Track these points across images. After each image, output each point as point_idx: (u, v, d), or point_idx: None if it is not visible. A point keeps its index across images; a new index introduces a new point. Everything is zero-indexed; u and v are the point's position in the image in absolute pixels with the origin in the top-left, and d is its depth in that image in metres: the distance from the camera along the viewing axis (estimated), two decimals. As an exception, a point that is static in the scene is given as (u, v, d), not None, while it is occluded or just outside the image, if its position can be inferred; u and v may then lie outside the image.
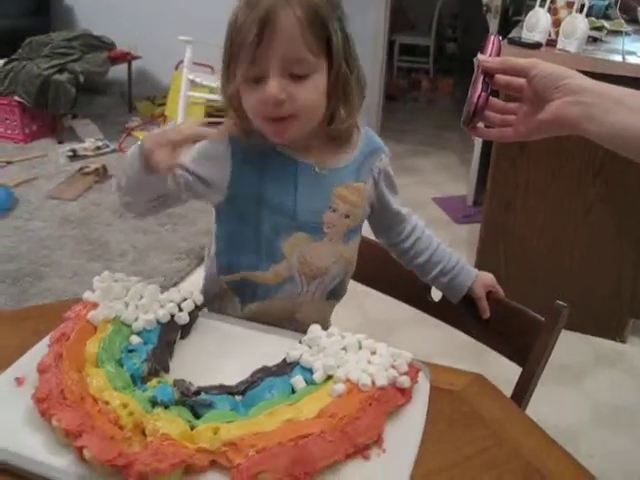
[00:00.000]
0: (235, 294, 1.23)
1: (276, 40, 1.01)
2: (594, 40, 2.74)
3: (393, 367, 0.96)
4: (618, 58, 2.50)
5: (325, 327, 1.06)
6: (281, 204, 1.15)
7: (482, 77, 1.00)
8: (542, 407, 1.20)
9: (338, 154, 1.19)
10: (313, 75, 1.06)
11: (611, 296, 2.69)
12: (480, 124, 1.05)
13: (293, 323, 1.21)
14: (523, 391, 1.22)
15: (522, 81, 0.99)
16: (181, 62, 4.36)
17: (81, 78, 4.42)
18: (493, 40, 1.04)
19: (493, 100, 1.02)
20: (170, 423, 0.83)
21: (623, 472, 2.08)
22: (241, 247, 1.20)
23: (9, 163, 4.06)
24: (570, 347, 2.65)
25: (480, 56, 1.01)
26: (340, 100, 1.11)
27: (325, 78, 1.08)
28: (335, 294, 1.30)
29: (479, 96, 0.99)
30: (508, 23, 3.69)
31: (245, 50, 1.03)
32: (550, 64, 0.97)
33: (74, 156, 4.17)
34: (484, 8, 3.79)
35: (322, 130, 1.14)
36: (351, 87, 1.11)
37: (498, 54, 1.02)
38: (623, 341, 2.76)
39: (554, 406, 2.32)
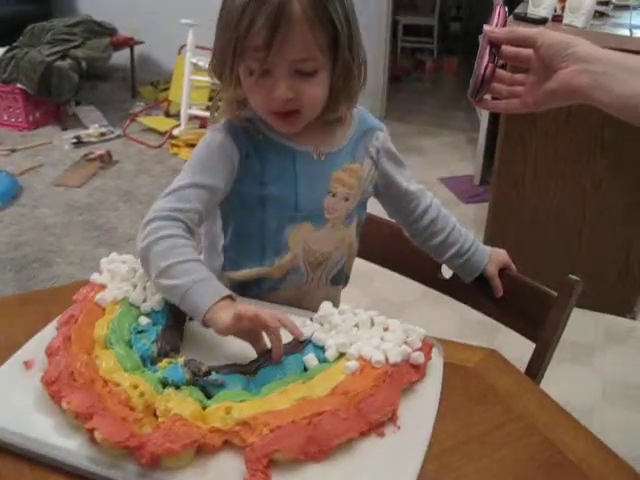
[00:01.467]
0: (238, 291, 1.20)
1: (287, 44, 0.98)
2: (600, 15, 2.71)
3: (406, 343, 0.94)
4: (625, 32, 2.47)
5: None
6: (283, 197, 1.13)
7: (489, 48, 0.98)
8: (552, 384, 1.19)
9: (333, 137, 1.17)
10: (320, 71, 1.04)
11: (621, 272, 2.67)
12: (487, 96, 1.03)
13: None
14: (537, 367, 1.21)
15: (529, 52, 0.98)
16: (184, 46, 4.33)
17: (83, 64, 4.40)
18: (499, 11, 1.02)
19: (500, 72, 1.01)
20: (181, 403, 0.82)
21: (634, 448, 2.07)
22: (247, 242, 1.18)
23: (13, 151, 4.04)
24: (580, 324, 2.63)
25: (486, 27, 0.99)
26: (341, 90, 1.09)
27: (329, 71, 1.06)
28: (339, 278, 1.29)
29: (486, 67, 0.98)
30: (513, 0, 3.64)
31: (253, 51, 1.00)
32: (557, 33, 0.95)
33: (78, 143, 4.15)
34: (488, -15, 3.74)
35: (319, 116, 1.12)
36: (353, 76, 1.09)
37: (504, 25, 1.00)
38: (633, 317, 2.74)
39: (565, 384, 2.30)
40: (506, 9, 1.03)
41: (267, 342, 0.94)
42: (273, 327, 0.91)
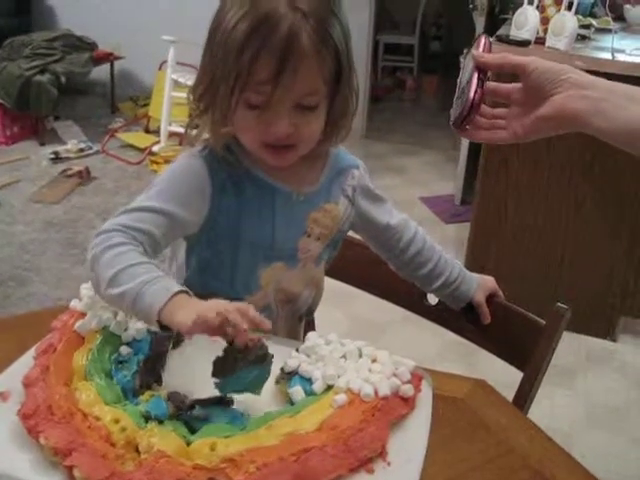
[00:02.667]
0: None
1: (296, 78, 0.93)
2: (582, 38, 2.73)
3: (395, 375, 0.92)
4: (607, 56, 2.48)
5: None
6: (259, 237, 1.10)
7: (477, 74, 0.95)
8: (534, 407, 1.18)
9: (312, 174, 1.13)
10: (320, 105, 0.99)
11: (602, 294, 2.67)
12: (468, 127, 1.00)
13: None
14: (524, 396, 1.19)
15: (509, 86, 0.97)
16: (165, 62, 4.31)
17: (63, 79, 4.36)
18: (484, 41, 0.99)
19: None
20: (165, 439, 0.79)
21: (616, 472, 2.06)
22: (214, 277, 1.14)
23: (-10, 166, 4.00)
24: (561, 346, 2.59)
25: (475, 52, 0.96)
26: (337, 124, 1.05)
27: (327, 104, 1.01)
28: (306, 314, 1.27)
29: (475, 92, 0.94)
30: (495, 21, 3.67)
31: (256, 85, 0.94)
32: (548, 61, 0.94)
33: (57, 158, 4.11)
34: (470, 6, 3.77)
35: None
36: (350, 109, 1.05)
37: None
38: (614, 340, 2.75)
39: (546, 406, 2.30)
40: (490, 39, 1.01)
41: None
42: (240, 328, 0.82)
